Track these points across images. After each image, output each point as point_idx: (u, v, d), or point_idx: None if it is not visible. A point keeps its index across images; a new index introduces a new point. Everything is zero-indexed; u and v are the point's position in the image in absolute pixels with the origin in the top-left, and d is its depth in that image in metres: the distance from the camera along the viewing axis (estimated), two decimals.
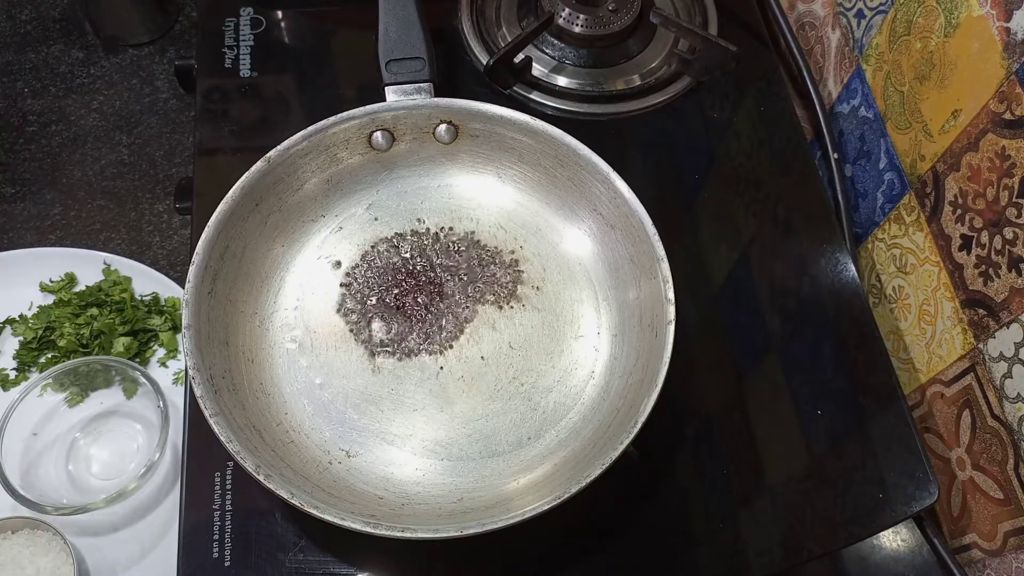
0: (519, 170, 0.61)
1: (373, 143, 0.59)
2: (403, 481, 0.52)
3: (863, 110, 0.68)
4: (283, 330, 0.57)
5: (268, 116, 0.67)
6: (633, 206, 0.55)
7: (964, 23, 0.54)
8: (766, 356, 0.61)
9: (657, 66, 0.71)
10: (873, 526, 0.55)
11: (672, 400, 0.49)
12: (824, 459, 0.57)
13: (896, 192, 0.64)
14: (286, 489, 0.45)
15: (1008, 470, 0.53)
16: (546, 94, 0.69)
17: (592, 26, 0.69)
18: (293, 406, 0.54)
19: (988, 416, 0.54)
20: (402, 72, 0.60)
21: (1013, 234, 0.51)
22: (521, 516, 0.45)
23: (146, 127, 0.89)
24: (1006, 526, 0.54)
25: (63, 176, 0.86)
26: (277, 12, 0.72)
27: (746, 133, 0.70)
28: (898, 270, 0.64)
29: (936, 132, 0.58)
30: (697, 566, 0.54)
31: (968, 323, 0.56)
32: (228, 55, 0.69)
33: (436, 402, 0.55)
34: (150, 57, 0.92)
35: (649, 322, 0.53)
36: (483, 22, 0.72)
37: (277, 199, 0.57)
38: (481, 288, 0.59)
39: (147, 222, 0.84)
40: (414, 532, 0.45)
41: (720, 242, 0.65)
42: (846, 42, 0.70)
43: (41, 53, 0.92)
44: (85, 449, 0.77)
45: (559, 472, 0.52)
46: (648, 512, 0.55)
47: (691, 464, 0.57)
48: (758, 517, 0.55)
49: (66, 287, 0.82)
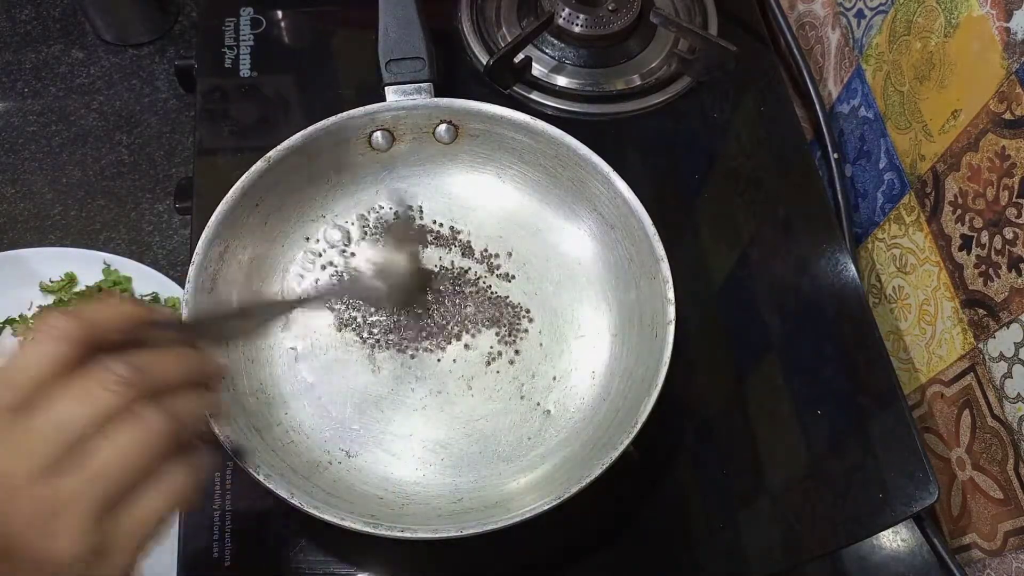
0: (519, 170, 0.61)
1: (373, 143, 0.59)
2: (403, 481, 0.52)
3: (863, 110, 0.68)
4: (283, 331, 0.57)
5: (268, 116, 0.67)
6: (633, 206, 0.55)
7: (964, 23, 0.54)
8: (766, 356, 0.61)
9: (657, 66, 0.71)
10: (873, 526, 0.55)
11: (672, 400, 0.49)
12: (824, 459, 0.57)
13: (896, 192, 0.64)
14: (286, 489, 0.45)
15: (1008, 470, 0.53)
16: (546, 94, 0.69)
17: (592, 26, 0.69)
18: (293, 406, 0.54)
19: (988, 416, 0.54)
20: (402, 72, 0.60)
21: (1013, 234, 0.51)
22: (521, 516, 0.45)
23: (146, 127, 0.88)
24: (1006, 526, 0.54)
25: (63, 176, 0.86)
26: (277, 12, 0.72)
27: (746, 133, 0.70)
28: (898, 270, 0.64)
29: (936, 132, 0.58)
30: (697, 566, 0.54)
31: (968, 323, 0.56)
32: (228, 55, 0.69)
33: (436, 402, 0.55)
34: (150, 57, 0.92)
35: (649, 322, 0.53)
36: (483, 22, 0.72)
37: (277, 199, 0.57)
38: (480, 288, 0.59)
39: (147, 222, 0.84)
40: (414, 532, 0.45)
41: (720, 242, 0.65)
42: (846, 42, 0.70)
43: (41, 53, 0.92)
44: None
45: (559, 472, 0.52)
46: (648, 512, 0.55)
47: (691, 464, 0.57)
48: (758, 517, 0.55)
49: (66, 287, 0.82)
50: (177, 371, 0.36)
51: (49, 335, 0.32)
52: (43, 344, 0.32)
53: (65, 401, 0.32)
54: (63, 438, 0.31)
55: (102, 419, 0.32)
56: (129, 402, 0.33)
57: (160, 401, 0.34)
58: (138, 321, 0.35)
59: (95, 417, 0.32)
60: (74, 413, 0.32)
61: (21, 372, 0.32)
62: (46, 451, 0.31)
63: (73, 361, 0.32)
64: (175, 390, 0.35)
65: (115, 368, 0.33)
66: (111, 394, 0.32)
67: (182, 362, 0.36)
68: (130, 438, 0.32)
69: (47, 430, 0.31)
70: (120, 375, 0.33)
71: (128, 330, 0.34)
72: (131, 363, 0.33)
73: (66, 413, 0.32)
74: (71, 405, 0.32)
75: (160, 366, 0.35)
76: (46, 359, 0.32)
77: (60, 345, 0.32)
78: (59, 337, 0.32)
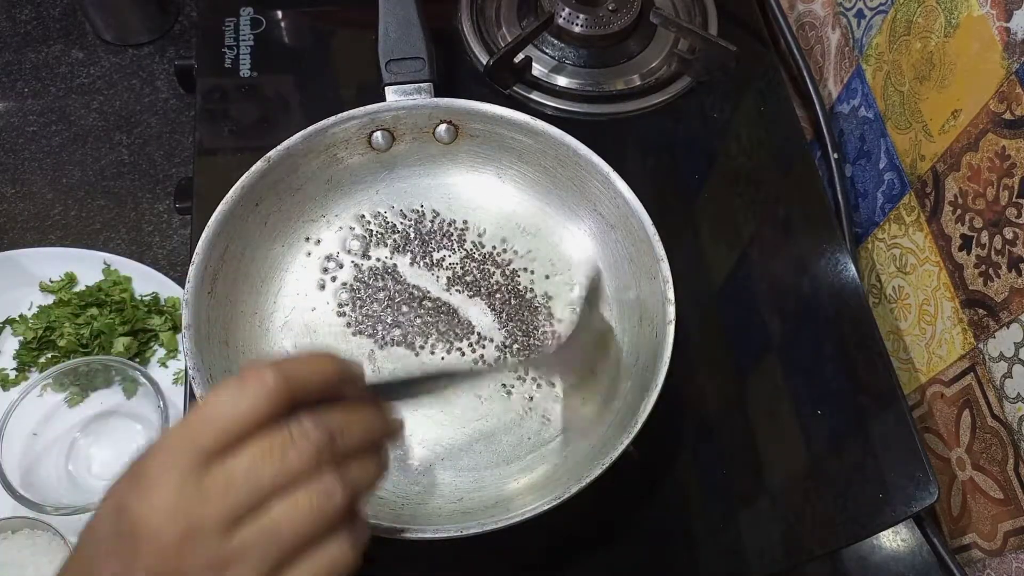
0: (519, 170, 0.61)
1: (373, 143, 0.59)
2: (403, 481, 0.52)
3: (863, 110, 0.68)
4: (283, 330, 0.57)
5: (268, 116, 0.67)
6: (633, 206, 0.55)
7: (964, 23, 0.54)
8: (766, 356, 0.61)
9: (657, 66, 0.71)
10: (873, 526, 0.55)
11: (672, 400, 0.49)
12: (824, 459, 0.57)
13: (896, 192, 0.64)
14: None
15: (1008, 470, 0.53)
16: (546, 94, 0.69)
17: (592, 26, 0.69)
18: None
19: (988, 416, 0.54)
20: (402, 72, 0.60)
21: (1013, 234, 0.51)
22: (521, 516, 0.45)
23: (146, 127, 0.89)
24: (1006, 526, 0.54)
25: (63, 176, 0.86)
26: (277, 12, 0.72)
27: (746, 133, 0.70)
28: (898, 270, 0.64)
29: (936, 132, 0.58)
30: (697, 566, 0.54)
31: (968, 323, 0.56)
32: (228, 55, 0.69)
33: (436, 402, 0.55)
34: (150, 57, 0.92)
35: (649, 322, 0.53)
36: (483, 22, 0.72)
37: (277, 199, 0.57)
38: (480, 288, 0.59)
39: (147, 222, 0.84)
40: (414, 532, 0.45)
41: (720, 242, 0.65)
42: (846, 42, 0.70)
43: (41, 53, 0.92)
44: (85, 449, 0.77)
45: (559, 472, 0.52)
46: (648, 512, 0.55)
47: (691, 464, 0.57)
48: (758, 517, 0.55)
49: (66, 287, 0.82)
50: (364, 434, 0.36)
51: (257, 386, 0.32)
52: (249, 395, 0.32)
53: (259, 456, 0.32)
54: (251, 494, 0.32)
55: (289, 480, 0.32)
56: (316, 465, 0.33)
57: (343, 466, 0.34)
58: (337, 379, 0.35)
59: (284, 477, 0.32)
60: (265, 470, 0.32)
61: (222, 418, 0.32)
62: (233, 503, 0.31)
63: (272, 416, 0.32)
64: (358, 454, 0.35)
65: (310, 432, 0.33)
66: (303, 457, 0.32)
67: (369, 423, 0.36)
68: (309, 503, 0.32)
69: (238, 482, 0.31)
70: (314, 440, 0.33)
71: (326, 390, 0.35)
72: (325, 426, 0.33)
73: (258, 469, 0.32)
74: (264, 461, 0.32)
75: (350, 430, 0.35)
76: (248, 411, 0.32)
77: (263, 399, 0.32)
78: (265, 392, 0.32)
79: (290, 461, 0.32)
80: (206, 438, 0.32)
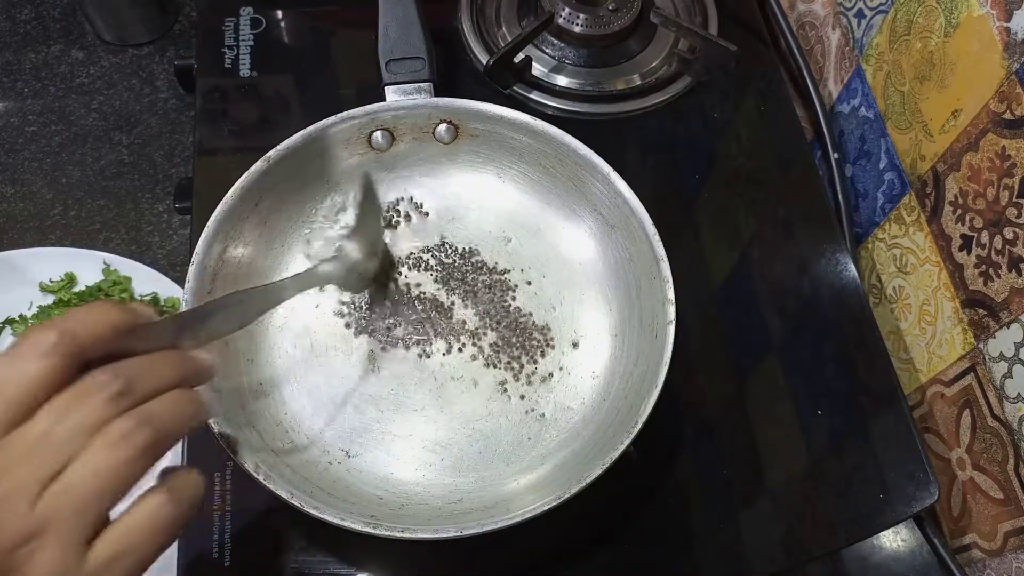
0: (519, 170, 0.61)
1: (373, 143, 0.59)
2: (403, 481, 0.52)
3: (863, 110, 0.68)
4: (283, 330, 0.57)
5: (268, 116, 0.67)
6: (633, 206, 0.55)
7: (964, 23, 0.54)
8: (766, 356, 0.61)
9: (657, 66, 0.71)
10: (873, 526, 0.55)
11: (672, 400, 0.49)
12: (824, 459, 0.57)
13: (896, 192, 0.64)
14: (286, 489, 0.45)
15: (1008, 470, 0.53)
16: (546, 94, 0.69)
17: (592, 26, 0.69)
18: (293, 406, 0.54)
19: (988, 416, 0.54)
20: (402, 72, 0.60)
21: (1013, 234, 0.51)
22: (521, 516, 0.45)
23: (146, 127, 0.88)
24: (1006, 526, 0.54)
25: (63, 176, 0.86)
26: (277, 12, 0.72)
27: (746, 133, 0.70)
28: (898, 270, 0.64)
29: (936, 132, 0.58)
30: (697, 566, 0.54)
31: (968, 323, 0.56)
32: (228, 55, 0.69)
33: (436, 402, 0.55)
34: (150, 57, 0.92)
35: (649, 322, 0.53)
36: (483, 22, 0.72)
37: (277, 199, 0.57)
38: (480, 288, 0.59)
39: (147, 222, 0.84)
40: (414, 532, 0.45)
41: (720, 242, 0.65)
42: (846, 42, 0.70)
43: (41, 53, 0.92)
44: None
45: (559, 472, 0.52)
46: (648, 512, 0.55)
47: (691, 464, 0.57)
48: (758, 517, 0.55)
49: (66, 287, 0.82)
50: (165, 376, 0.35)
51: (39, 348, 0.31)
52: (30, 358, 0.31)
53: (53, 416, 0.31)
54: (50, 457, 0.31)
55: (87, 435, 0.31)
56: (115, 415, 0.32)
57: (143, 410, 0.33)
58: (122, 327, 0.34)
59: (81, 433, 0.31)
60: (59, 429, 0.31)
61: (7, 386, 0.31)
62: (36, 469, 0.30)
63: (62, 375, 0.32)
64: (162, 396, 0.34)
65: (104, 382, 0.32)
66: (98, 408, 0.31)
67: (170, 364, 0.35)
68: (107, 451, 0.31)
69: (34, 447, 0.31)
70: (109, 389, 0.32)
71: (114, 338, 0.33)
72: (119, 373, 0.32)
73: (53, 428, 0.31)
74: (58, 420, 0.31)
75: (149, 374, 0.34)
76: (36, 374, 0.31)
77: (47, 359, 0.31)
78: (43, 353, 0.31)
79: (85, 415, 0.31)
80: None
